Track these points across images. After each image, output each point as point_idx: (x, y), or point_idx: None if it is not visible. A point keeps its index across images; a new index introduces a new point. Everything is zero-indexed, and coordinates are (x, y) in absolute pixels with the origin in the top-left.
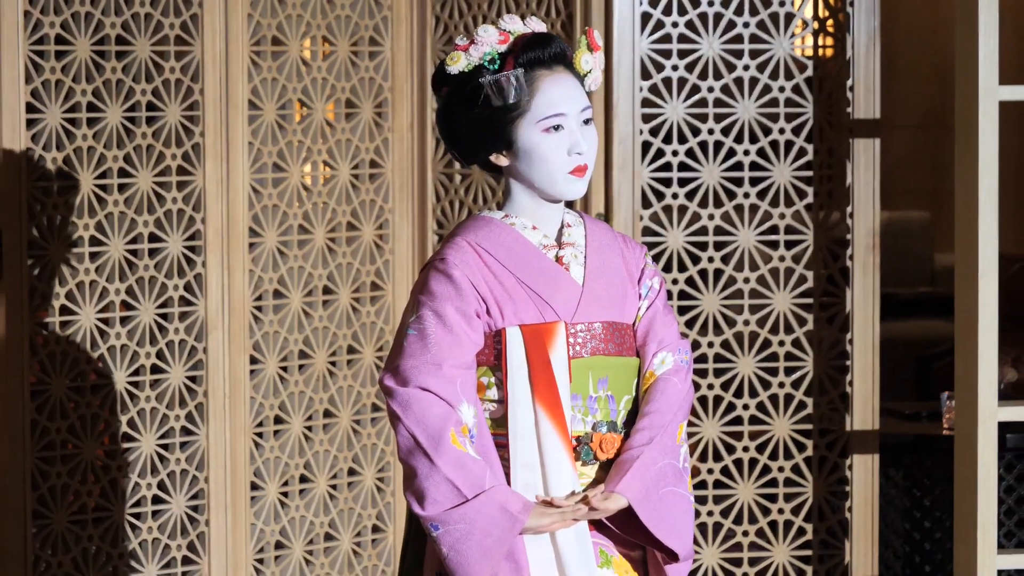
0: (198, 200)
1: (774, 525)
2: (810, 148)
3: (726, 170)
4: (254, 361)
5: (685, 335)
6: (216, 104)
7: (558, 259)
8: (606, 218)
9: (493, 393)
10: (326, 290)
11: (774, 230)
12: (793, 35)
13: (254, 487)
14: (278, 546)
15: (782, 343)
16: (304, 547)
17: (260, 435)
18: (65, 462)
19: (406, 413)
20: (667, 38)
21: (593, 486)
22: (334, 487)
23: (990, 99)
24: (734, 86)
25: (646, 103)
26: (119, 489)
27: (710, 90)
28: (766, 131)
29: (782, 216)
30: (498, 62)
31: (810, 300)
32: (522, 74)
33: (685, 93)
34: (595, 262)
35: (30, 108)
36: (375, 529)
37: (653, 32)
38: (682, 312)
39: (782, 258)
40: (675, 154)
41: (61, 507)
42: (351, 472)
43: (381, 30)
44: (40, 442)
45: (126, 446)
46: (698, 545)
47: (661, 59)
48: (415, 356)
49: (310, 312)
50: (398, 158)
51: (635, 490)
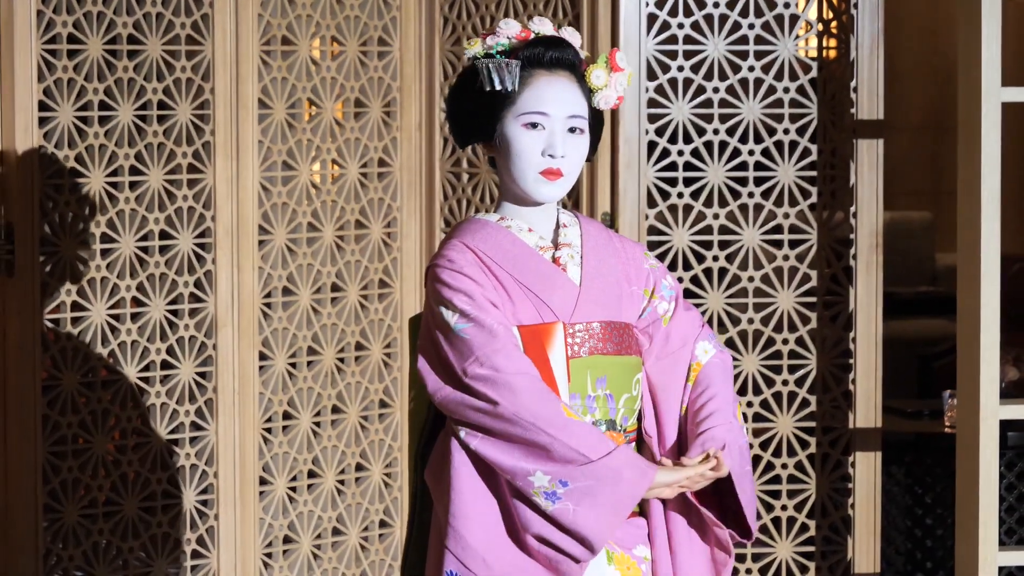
0: (208, 198)
1: (777, 521)
2: (814, 148)
3: (731, 170)
4: (263, 357)
5: None
6: (226, 103)
7: (555, 260)
8: (612, 217)
9: None
10: (335, 287)
11: (778, 229)
12: (797, 37)
13: (263, 482)
14: (286, 540)
15: (786, 341)
16: (312, 541)
17: (269, 431)
18: (76, 456)
19: (515, 396)
20: (673, 39)
21: None
22: (342, 482)
23: (993, 100)
24: (739, 87)
25: (652, 103)
26: (129, 483)
27: (715, 91)
28: (771, 131)
29: (786, 216)
30: (506, 54)
31: (814, 299)
32: (517, 66)
33: (691, 94)
34: (592, 262)
35: (42, 106)
36: (382, 524)
37: (659, 33)
38: None
39: (786, 257)
40: (680, 154)
41: (72, 501)
42: (359, 468)
43: (390, 30)
44: (51, 436)
45: (136, 441)
46: None
47: (667, 60)
48: (486, 344)
49: (319, 309)
50: (406, 157)
51: (732, 463)
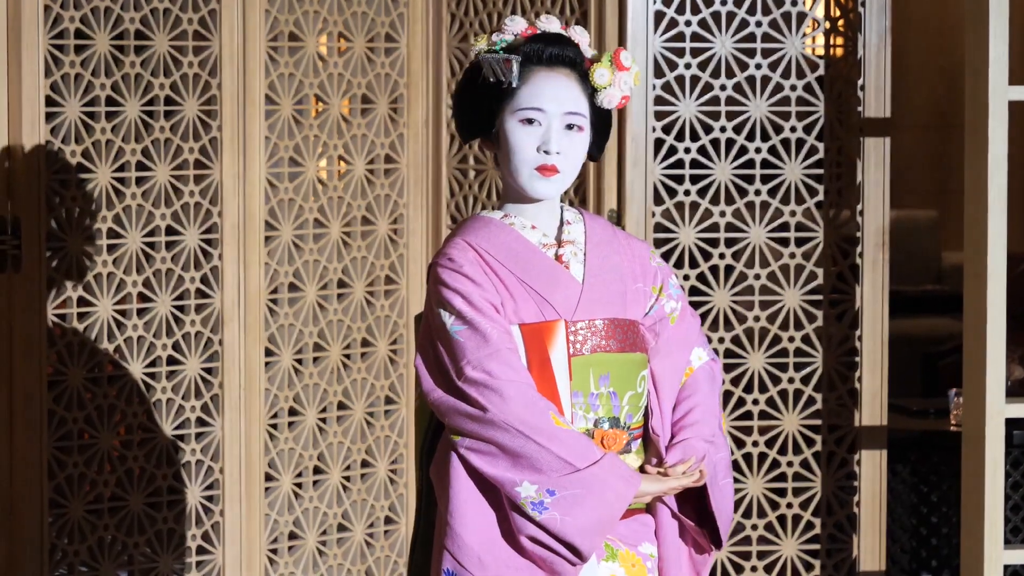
0: (215, 194)
1: (783, 519)
2: (821, 146)
3: (737, 168)
4: (269, 353)
5: None
6: (233, 99)
7: (558, 257)
8: (618, 214)
9: None
10: (341, 283)
11: (784, 227)
12: (805, 34)
13: (268, 478)
14: (292, 537)
15: (792, 339)
16: (317, 538)
17: (275, 427)
18: (82, 452)
19: (504, 402)
20: (680, 37)
21: None
22: (347, 479)
23: (1000, 100)
24: (746, 84)
25: (659, 101)
26: (135, 479)
27: (722, 88)
28: (777, 129)
29: (792, 213)
30: (508, 50)
31: (820, 297)
32: (517, 62)
33: (698, 91)
34: (595, 259)
35: (49, 102)
36: (388, 520)
37: (666, 31)
38: (693, 308)
39: (792, 255)
40: (687, 151)
41: (77, 496)
42: (364, 464)
43: (397, 27)
44: (57, 432)
45: (142, 436)
46: None
47: (674, 57)
48: (479, 348)
49: (325, 305)
50: (413, 153)
51: (708, 473)
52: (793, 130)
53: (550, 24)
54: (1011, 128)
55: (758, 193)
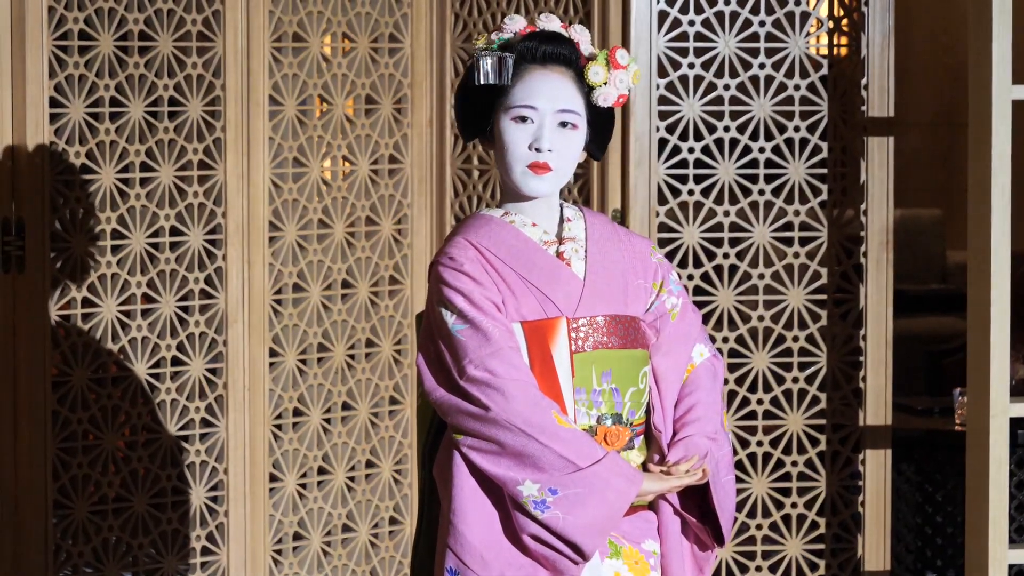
0: (219, 194)
1: (787, 519)
2: (824, 146)
3: (741, 167)
4: (273, 354)
5: None
6: (237, 99)
7: (559, 254)
8: (622, 214)
9: None
10: (345, 284)
11: (789, 227)
12: (808, 34)
13: (273, 479)
14: (296, 537)
15: (796, 339)
16: (322, 538)
17: (279, 427)
18: (86, 452)
19: (507, 401)
20: (684, 36)
21: None
22: (352, 479)
23: (1003, 98)
24: (750, 84)
25: (663, 100)
26: (139, 480)
27: (726, 88)
28: (781, 129)
29: (797, 213)
30: (504, 48)
31: (824, 296)
32: (510, 60)
33: (701, 91)
34: (596, 256)
35: (53, 102)
36: (392, 521)
37: (670, 30)
38: (697, 308)
39: (796, 254)
40: (691, 151)
41: (82, 497)
42: (369, 464)
43: (401, 27)
44: (61, 433)
45: (146, 437)
46: None
47: (678, 57)
48: (481, 347)
49: (329, 306)
50: (417, 153)
51: (711, 471)
52: (797, 129)
53: (549, 23)
54: (1015, 127)
55: (762, 193)
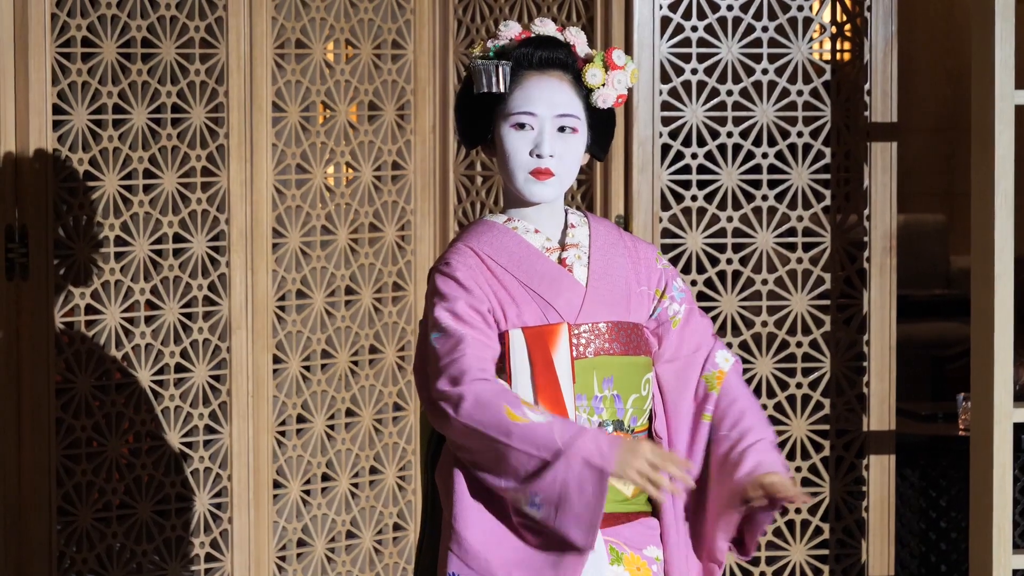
0: (222, 201)
1: (791, 525)
2: (827, 151)
3: (744, 173)
4: (277, 360)
5: None
6: (240, 106)
7: (561, 261)
8: (625, 220)
9: None
10: (348, 290)
11: (792, 232)
12: (811, 39)
13: (277, 485)
14: (300, 544)
15: (799, 344)
16: (326, 545)
17: (283, 434)
18: (90, 459)
19: (463, 407)
20: (687, 42)
21: None
22: (356, 485)
23: (1007, 103)
24: (753, 90)
25: (665, 106)
26: (143, 487)
27: (729, 93)
28: (784, 134)
29: (800, 218)
30: (500, 55)
31: (827, 302)
32: (507, 67)
33: (704, 96)
34: (599, 262)
35: (56, 110)
36: (396, 527)
37: (673, 36)
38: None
39: (800, 260)
40: (694, 157)
41: (86, 504)
42: (372, 471)
43: (404, 33)
44: (65, 439)
45: (150, 444)
46: None
47: (680, 63)
48: (448, 355)
49: (332, 312)
50: (420, 160)
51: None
52: (800, 135)
53: (544, 27)
54: (1018, 131)
55: (765, 198)
